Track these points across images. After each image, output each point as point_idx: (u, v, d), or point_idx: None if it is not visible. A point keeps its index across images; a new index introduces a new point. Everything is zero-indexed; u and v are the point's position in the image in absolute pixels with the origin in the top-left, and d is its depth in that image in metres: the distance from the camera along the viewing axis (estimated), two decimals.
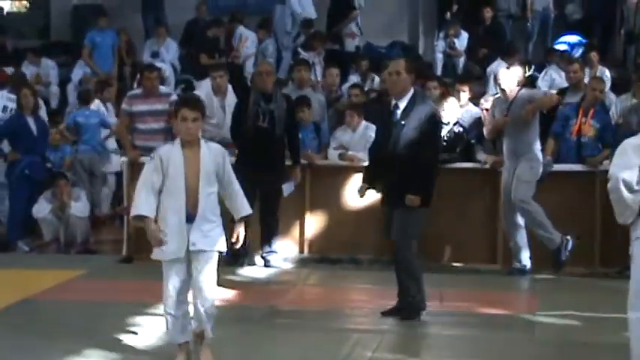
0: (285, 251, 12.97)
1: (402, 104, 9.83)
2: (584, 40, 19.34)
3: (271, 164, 12.39)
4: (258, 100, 12.40)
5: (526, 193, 12.13)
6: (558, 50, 18.79)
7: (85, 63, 19.09)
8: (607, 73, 17.56)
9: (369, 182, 10.25)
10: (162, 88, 14.28)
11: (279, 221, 12.68)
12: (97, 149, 15.32)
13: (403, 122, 9.77)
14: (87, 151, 15.16)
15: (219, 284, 8.08)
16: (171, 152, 7.79)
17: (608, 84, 16.98)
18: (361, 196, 10.35)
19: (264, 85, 12.54)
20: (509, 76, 12.58)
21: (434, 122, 10.00)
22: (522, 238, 12.38)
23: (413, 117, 9.78)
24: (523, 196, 12.09)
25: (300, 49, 19.17)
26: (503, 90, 12.53)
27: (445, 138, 13.07)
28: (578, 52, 18.41)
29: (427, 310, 10.22)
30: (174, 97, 13.91)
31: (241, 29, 19.83)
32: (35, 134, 14.13)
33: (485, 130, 12.75)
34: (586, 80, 14.67)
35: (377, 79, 16.38)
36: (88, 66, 18.92)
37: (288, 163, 12.77)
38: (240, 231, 8.09)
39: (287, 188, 12.59)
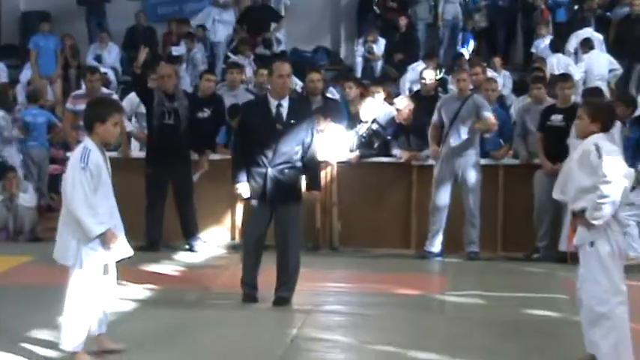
0: (217, 238, 12.96)
1: (285, 104, 9.63)
2: None
3: (179, 156, 12.52)
4: (162, 101, 12.44)
5: None
6: (464, 54, 18.96)
7: (31, 66, 18.96)
8: (509, 77, 17.77)
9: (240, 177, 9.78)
10: (104, 89, 14.21)
11: (194, 207, 12.67)
12: (44, 145, 15.30)
13: (292, 121, 9.61)
14: (35, 147, 15.16)
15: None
16: (98, 155, 7.52)
17: (510, 86, 17.17)
18: (241, 196, 9.83)
19: (166, 86, 12.55)
20: (430, 74, 13.27)
21: (314, 124, 10.14)
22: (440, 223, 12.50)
23: (297, 118, 9.65)
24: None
25: (229, 54, 19.21)
26: (424, 84, 13.24)
27: (364, 135, 13.13)
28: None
29: (348, 290, 10.39)
30: (115, 97, 13.89)
31: None
32: None
33: (430, 128, 12.76)
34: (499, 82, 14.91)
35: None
36: (32, 69, 18.75)
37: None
38: None
39: (195, 176, 12.74)
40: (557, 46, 18.45)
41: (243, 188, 9.66)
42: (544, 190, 12.25)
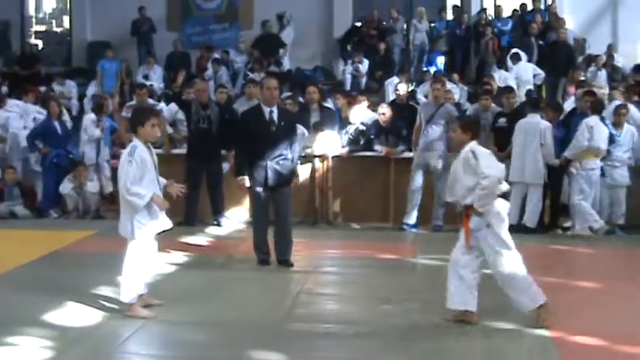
0: (238, 216, 12.89)
1: (275, 110, 9.70)
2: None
3: (212, 152, 12.44)
4: (198, 110, 12.42)
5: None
6: (435, 71, 18.91)
7: (96, 84, 18.90)
8: (465, 88, 17.74)
9: (242, 171, 9.79)
10: (150, 101, 14.16)
11: (223, 191, 12.57)
12: (107, 144, 15.18)
13: (282, 123, 9.67)
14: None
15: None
16: (143, 150, 7.51)
17: (465, 96, 17.14)
18: (244, 185, 9.80)
19: (202, 97, 12.55)
20: (403, 87, 13.48)
21: (296, 126, 10.33)
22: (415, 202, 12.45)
23: (285, 122, 9.74)
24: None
25: (248, 72, 19.21)
26: (398, 95, 13.39)
27: (352, 134, 13.10)
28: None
29: (341, 255, 10.43)
30: (159, 107, 13.88)
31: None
32: (60, 134, 13.92)
33: (414, 130, 12.65)
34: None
35: None
36: (97, 86, 18.69)
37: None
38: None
39: (225, 166, 12.60)
40: (501, 65, 18.58)
41: (245, 180, 9.69)
42: None
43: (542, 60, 18.96)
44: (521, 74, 18.27)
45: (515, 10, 21.18)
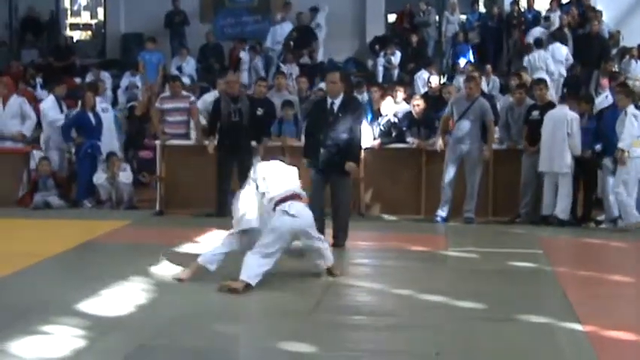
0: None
1: (337, 102, 10.18)
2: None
3: (242, 145, 12.39)
4: (228, 103, 12.37)
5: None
6: (465, 63, 18.77)
7: (136, 74, 18.90)
8: (497, 80, 17.63)
9: (305, 155, 10.50)
10: (184, 92, 14.19)
11: None
12: None
13: (340, 114, 10.13)
14: None
15: None
16: None
17: (498, 87, 17.02)
18: (308, 167, 10.39)
19: (232, 90, 12.50)
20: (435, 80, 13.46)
21: (361, 116, 10.71)
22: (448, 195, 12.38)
23: (345, 111, 10.18)
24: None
25: (280, 64, 19.19)
26: (430, 87, 13.69)
27: (384, 126, 13.06)
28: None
29: (369, 249, 10.55)
30: (192, 98, 13.88)
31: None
32: (94, 125, 13.97)
33: (442, 120, 12.72)
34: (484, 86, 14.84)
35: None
36: (139, 76, 18.69)
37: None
38: None
39: (255, 160, 12.53)
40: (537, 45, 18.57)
41: (308, 162, 10.35)
42: (528, 167, 12.33)
43: (576, 52, 18.81)
44: (556, 53, 18.38)
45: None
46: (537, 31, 19.44)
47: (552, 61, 18.11)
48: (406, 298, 7.84)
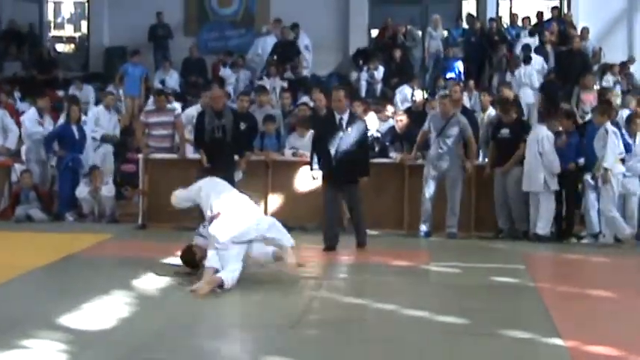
0: None
1: (345, 117, 11.10)
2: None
3: (225, 161, 12.22)
4: (212, 118, 12.29)
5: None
6: (449, 78, 18.84)
7: (114, 86, 18.78)
8: (480, 96, 17.67)
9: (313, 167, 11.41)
10: (169, 105, 14.18)
11: None
12: None
13: (349, 129, 11.03)
14: None
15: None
16: None
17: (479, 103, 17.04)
18: (314, 178, 11.53)
19: (217, 105, 12.38)
20: (419, 94, 13.80)
21: (367, 129, 11.69)
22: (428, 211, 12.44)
23: (353, 127, 11.09)
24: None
25: (264, 77, 19.20)
26: (414, 102, 13.86)
27: None
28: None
29: (353, 263, 10.58)
30: (177, 112, 13.89)
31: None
32: (77, 138, 13.96)
33: (420, 134, 12.76)
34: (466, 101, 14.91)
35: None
36: (115, 89, 18.45)
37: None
38: None
39: (237, 175, 12.53)
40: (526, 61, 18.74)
41: (317, 174, 11.38)
42: (498, 184, 12.53)
43: (558, 68, 18.93)
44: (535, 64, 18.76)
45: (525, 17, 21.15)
46: (522, 46, 19.51)
47: (536, 77, 18.27)
48: (389, 313, 7.82)
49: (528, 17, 21.17)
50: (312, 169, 11.43)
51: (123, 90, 18.70)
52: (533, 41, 19.79)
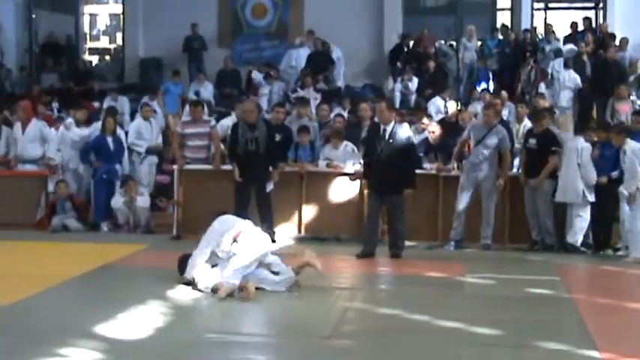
0: (287, 232, 12.92)
1: (389, 128, 11.35)
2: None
3: (258, 172, 12.41)
4: (245, 131, 12.38)
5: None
6: (482, 89, 18.82)
7: (154, 99, 18.81)
8: (513, 107, 17.62)
9: (365, 176, 11.93)
10: (205, 116, 14.29)
11: (271, 208, 12.57)
12: None
13: (391, 140, 11.30)
14: None
15: None
16: None
17: (514, 114, 16.98)
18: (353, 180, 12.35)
19: (250, 118, 12.49)
20: (452, 106, 12.87)
21: (412, 141, 11.77)
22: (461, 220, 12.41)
23: (396, 137, 11.35)
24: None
25: (298, 89, 19.22)
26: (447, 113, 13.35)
27: None
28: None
29: (387, 274, 10.67)
30: (213, 123, 13.96)
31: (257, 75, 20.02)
32: (112, 149, 14.09)
33: (459, 143, 12.70)
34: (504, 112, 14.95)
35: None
36: (158, 106, 18.32)
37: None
38: None
39: (268, 186, 12.61)
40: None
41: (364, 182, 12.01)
42: (529, 196, 12.48)
43: (594, 79, 18.84)
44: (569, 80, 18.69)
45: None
46: (557, 63, 19.40)
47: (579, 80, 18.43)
48: (423, 324, 7.85)
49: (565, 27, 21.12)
50: (364, 178, 12.06)
51: (163, 108, 18.78)
52: (570, 51, 19.73)
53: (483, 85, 19.44)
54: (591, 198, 12.07)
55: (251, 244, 8.84)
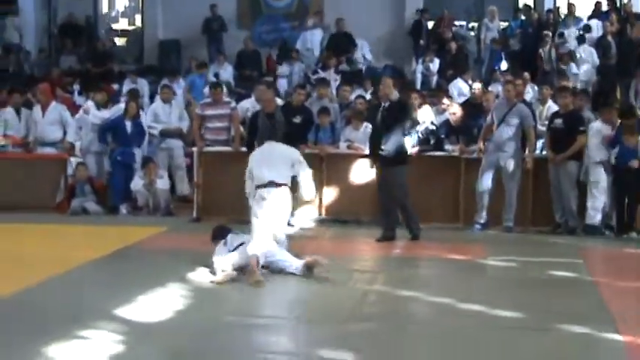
0: (308, 214, 12.94)
1: (386, 105, 11.38)
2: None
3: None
4: (264, 121, 12.32)
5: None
6: (503, 70, 18.75)
7: (173, 80, 18.57)
8: (535, 88, 17.54)
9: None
10: (225, 98, 14.28)
11: (293, 194, 12.52)
12: None
13: (383, 117, 11.29)
14: None
15: None
16: None
17: (536, 96, 16.90)
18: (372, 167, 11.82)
19: (269, 107, 12.38)
20: (478, 86, 13.24)
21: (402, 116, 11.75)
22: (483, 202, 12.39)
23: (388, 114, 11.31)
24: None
25: (319, 70, 19.17)
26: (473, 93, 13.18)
27: (422, 134, 13.06)
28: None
29: (407, 257, 10.59)
30: (233, 105, 13.95)
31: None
32: (128, 133, 14.08)
33: (484, 128, 12.64)
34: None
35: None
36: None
37: None
38: None
39: None
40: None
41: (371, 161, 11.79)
42: (554, 177, 12.41)
43: (618, 60, 18.73)
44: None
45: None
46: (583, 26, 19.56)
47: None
48: (444, 307, 7.86)
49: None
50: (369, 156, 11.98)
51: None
52: (588, 27, 19.68)
53: (504, 66, 19.32)
54: (595, 178, 12.02)
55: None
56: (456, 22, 21.28)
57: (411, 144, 12.87)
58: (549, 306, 7.93)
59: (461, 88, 17.05)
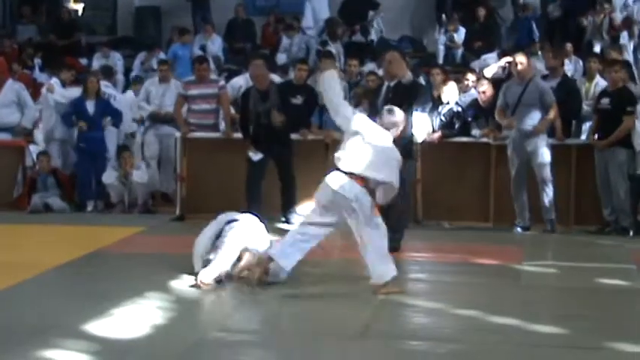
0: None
1: (391, 85, 10.82)
2: None
3: (275, 141, 12.39)
4: (256, 102, 12.37)
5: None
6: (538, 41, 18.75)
7: (152, 55, 18.69)
8: (580, 62, 17.53)
9: None
10: (213, 75, 14.26)
11: (295, 179, 12.59)
12: None
13: (384, 99, 10.63)
14: None
15: None
16: None
17: (581, 71, 16.90)
18: None
19: (261, 85, 12.48)
20: (522, 59, 12.40)
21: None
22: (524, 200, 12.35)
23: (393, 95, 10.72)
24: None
25: (329, 41, 19.11)
26: (516, 68, 12.42)
27: (445, 116, 13.04)
28: None
29: (430, 260, 10.65)
30: (222, 83, 13.94)
31: None
32: (91, 115, 14.06)
33: (497, 111, 12.61)
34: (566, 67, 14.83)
35: None
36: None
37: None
38: None
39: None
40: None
41: None
42: (601, 167, 12.38)
43: None
44: None
45: None
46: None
47: None
48: (471, 321, 7.85)
49: None
50: None
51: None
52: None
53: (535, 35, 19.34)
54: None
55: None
56: None
57: (431, 128, 12.84)
58: (596, 320, 7.91)
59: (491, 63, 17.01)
